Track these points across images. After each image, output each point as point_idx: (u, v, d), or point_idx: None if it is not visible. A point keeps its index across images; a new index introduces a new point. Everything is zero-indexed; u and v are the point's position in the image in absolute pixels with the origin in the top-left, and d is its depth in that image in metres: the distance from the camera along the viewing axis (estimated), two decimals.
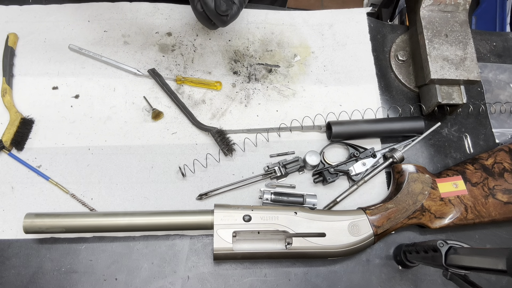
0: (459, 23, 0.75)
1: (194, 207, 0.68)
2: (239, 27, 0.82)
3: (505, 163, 0.70)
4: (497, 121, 0.80)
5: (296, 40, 0.82)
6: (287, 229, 0.60)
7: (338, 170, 0.70)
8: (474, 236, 0.70)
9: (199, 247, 0.65)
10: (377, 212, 0.64)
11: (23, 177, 0.67)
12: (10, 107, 0.70)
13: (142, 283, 0.62)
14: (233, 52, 0.80)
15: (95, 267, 0.63)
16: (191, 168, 0.69)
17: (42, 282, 0.61)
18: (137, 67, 0.76)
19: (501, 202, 0.67)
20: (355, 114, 0.76)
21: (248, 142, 0.72)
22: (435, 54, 0.73)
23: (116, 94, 0.75)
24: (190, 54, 0.79)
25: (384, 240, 0.68)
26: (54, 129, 0.71)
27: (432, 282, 0.66)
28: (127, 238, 0.65)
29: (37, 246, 0.63)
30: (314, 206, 0.65)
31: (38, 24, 0.78)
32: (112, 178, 0.68)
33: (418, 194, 0.66)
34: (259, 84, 0.78)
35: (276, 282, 0.64)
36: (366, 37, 0.84)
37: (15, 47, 0.75)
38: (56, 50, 0.76)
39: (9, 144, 0.67)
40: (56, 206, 0.66)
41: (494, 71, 0.84)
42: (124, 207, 0.67)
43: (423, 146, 0.76)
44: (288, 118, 0.75)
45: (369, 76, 0.80)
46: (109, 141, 0.71)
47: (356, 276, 0.66)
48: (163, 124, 0.73)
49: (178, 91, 0.76)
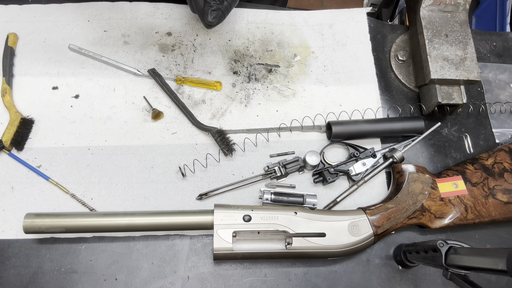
0: (459, 23, 0.75)
1: (194, 207, 0.68)
2: (239, 27, 0.82)
3: (505, 163, 0.70)
4: (497, 121, 0.80)
5: (296, 40, 0.82)
6: (287, 229, 0.60)
7: (338, 170, 0.70)
8: (474, 236, 0.70)
9: (199, 247, 0.65)
10: (377, 212, 0.64)
11: (23, 177, 0.67)
12: (10, 107, 0.70)
13: (142, 283, 0.62)
14: (233, 52, 0.80)
15: (95, 267, 0.63)
16: (191, 168, 0.69)
17: (42, 282, 0.61)
18: (137, 67, 0.76)
19: (501, 202, 0.67)
20: (355, 114, 0.76)
21: (248, 142, 0.72)
22: (435, 54, 0.73)
23: (116, 94, 0.74)
24: (190, 54, 0.79)
25: (384, 240, 0.68)
26: (54, 129, 0.71)
27: (432, 282, 0.66)
28: (127, 238, 0.65)
29: (37, 246, 0.63)
30: (314, 206, 0.65)
31: (38, 23, 0.78)
32: (112, 178, 0.68)
33: (418, 194, 0.66)
34: (259, 84, 0.78)
35: (276, 282, 0.64)
36: (366, 37, 0.84)
37: (15, 47, 0.75)
38: (56, 50, 0.76)
39: (9, 144, 0.67)
40: (56, 206, 0.66)
41: (494, 71, 0.84)
42: (124, 207, 0.67)
43: (423, 146, 0.76)
44: (288, 118, 0.75)
45: (369, 76, 0.80)
46: (109, 141, 0.71)
47: (356, 276, 0.66)
48: (163, 124, 0.73)
49: (178, 91, 0.76)
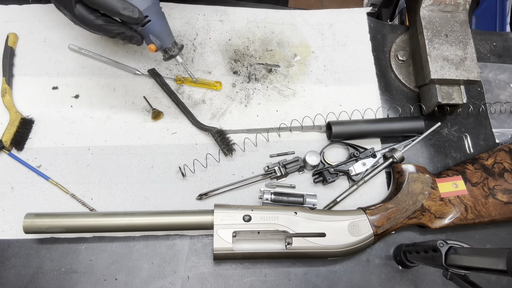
0: (459, 23, 0.75)
1: (194, 207, 0.68)
2: (239, 26, 0.82)
3: (505, 163, 0.70)
4: (497, 121, 0.80)
5: (296, 40, 0.82)
6: (287, 229, 0.60)
7: (338, 170, 0.70)
8: (474, 236, 0.70)
9: (199, 247, 0.65)
10: (377, 212, 0.64)
11: (23, 177, 0.67)
12: (10, 107, 0.70)
13: (142, 283, 0.62)
14: (233, 52, 0.80)
15: (95, 267, 0.63)
16: (191, 168, 0.69)
17: (42, 282, 0.61)
18: (137, 67, 0.76)
19: (501, 202, 0.67)
20: (355, 114, 0.76)
21: (248, 142, 0.72)
22: (435, 54, 0.73)
23: (116, 94, 0.74)
24: (190, 53, 0.79)
25: (384, 240, 0.68)
26: (54, 129, 0.71)
27: (432, 282, 0.66)
28: (127, 238, 0.65)
29: (37, 246, 0.63)
30: (314, 206, 0.65)
31: (38, 23, 0.78)
32: (112, 178, 0.68)
33: (418, 194, 0.66)
34: (259, 84, 0.78)
35: (276, 282, 0.64)
36: (366, 37, 0.84)
37: (15, 47, 0.75)
38: (56, 50, 0.76)
39: (9, 144, 0.67)
40: (56, 206, 0.66)
41: (494, 71, 0.84)
42: (124, 207, 0.67)
43: (423, 146, 0.76)
44: (288, 118, 0.75)
45: (369, 76, 0.80)
46: (109, 141, 0.71)
47: (356, 276, 0.66)
48: (163, 124, 0.73)
49: (178, 91, 0.76)
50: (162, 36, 0.60)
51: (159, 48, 0.61)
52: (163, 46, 0.62)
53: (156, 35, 0.60)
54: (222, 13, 0.82)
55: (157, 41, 0.60)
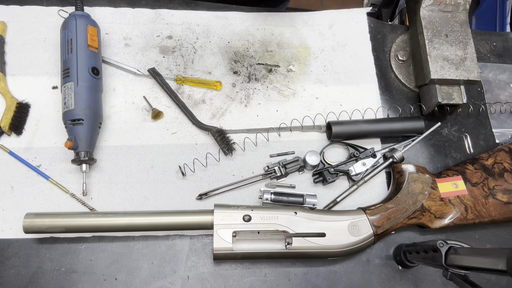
0: (459, 23, 0.75)
1: (194, 207, 0.68)
2: (238, 29, 0.82)
3: (505, 163, 0.70)
4: (497, 121, 0.80)
5: (296, 41, 0.82)
6: (287, 229, 0.60)
7: (338, 170, 0.70)
8: (474, 236, 0.70)
9: (199, 247, 0.65)
10: (377, 212, 0.64)
11: (23, 177, 0.67)
12: (5, 93, 0.71)
13: (142, 283, 0.62)
14: (233, 53, 0.80)
15: (95, 267, 0.63)
16: (191, 168, 0.69)
17: (42, 282, 0.61)
18: (137, 67, 0.76)
19: (501, 202, 0.67)
20: (355, 114, 0.76)
21: (248, 142, 0.72)
22: (435, 54, 0.73)
23: (116, 93, 0.74)
24: (191, 55, 0.79)
25: (384, 240, 0.68)
26: (54, 128, 0.71)
27: (432, 282, 0.66)
28: (127, 238, 0.65)
29: (37, 246, 0.63)
30: (314, 206, 0.65)
31: (38, 24, 0.78)
32: (111, 178, 0.68)
33: (418, 194, 0.66)
34: (259, 84, 0.78)
35: (276, 282, 0.64)
36: (366, 37, 0.84)
37: (4, 35, 0.75)
38: (56, 50, 0.76)
39: (8, 129, 0.68)
40: (56, 205, 0.66)
41: (494, 71, 0.84)
42: (123, 207, 0.67)
43: (423, 146, 0.76)
44: (288, 118, 0.75)
45: (369, 76, 0.80)
46: (108, 141, 0.71)
47: (356, 276, 0.66)
48: (163, 124, 0.73)
49: (178, 90, 0.76)
50: (83, 141, 0.64)
51: (74, 148, 0.64)
52: (78, 149, 0.64)
53: (79, 138, 0.64)
54: (222, 18, 0.82)
55: (76, 143, 0.64)
